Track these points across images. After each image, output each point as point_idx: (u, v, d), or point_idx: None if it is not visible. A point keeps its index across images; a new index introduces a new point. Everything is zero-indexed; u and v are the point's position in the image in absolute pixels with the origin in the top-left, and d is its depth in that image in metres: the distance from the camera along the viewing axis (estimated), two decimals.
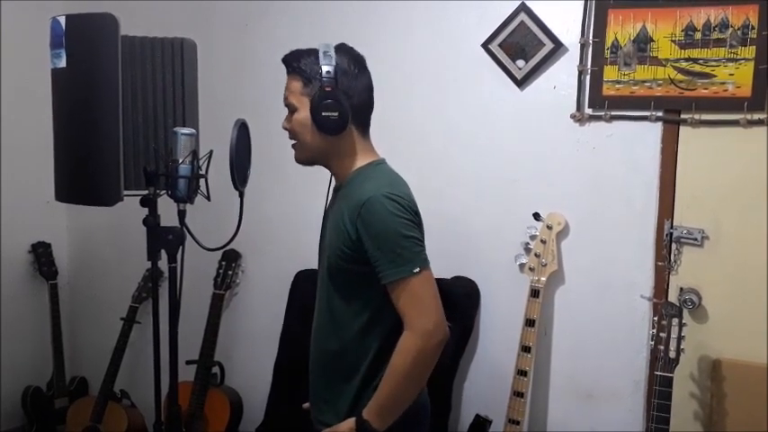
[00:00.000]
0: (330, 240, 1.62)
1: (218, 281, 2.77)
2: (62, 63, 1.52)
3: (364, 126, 1.66)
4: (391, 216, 1.51)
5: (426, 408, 1.74)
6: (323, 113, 1.55)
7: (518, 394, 2.17)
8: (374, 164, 1.65)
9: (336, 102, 1.54)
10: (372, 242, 1.51)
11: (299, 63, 1.61)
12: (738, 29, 1.97)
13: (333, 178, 1.70)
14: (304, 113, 1.59)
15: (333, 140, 1.59)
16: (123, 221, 2.23)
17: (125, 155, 1.54)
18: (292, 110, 1.63)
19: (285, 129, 1.67)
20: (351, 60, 1.61)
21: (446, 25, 2.36)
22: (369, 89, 1.65)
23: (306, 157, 1.66)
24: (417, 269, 1.49)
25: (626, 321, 2.19)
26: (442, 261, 2.36)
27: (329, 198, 1.73)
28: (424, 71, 2.40)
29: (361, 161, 1.64)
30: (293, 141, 1.66)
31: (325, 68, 1.54)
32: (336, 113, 1.55)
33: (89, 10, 1.52)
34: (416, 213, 1.59)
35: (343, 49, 1.61)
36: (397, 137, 1.80)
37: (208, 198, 1.64)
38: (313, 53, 1.59)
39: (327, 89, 1.54)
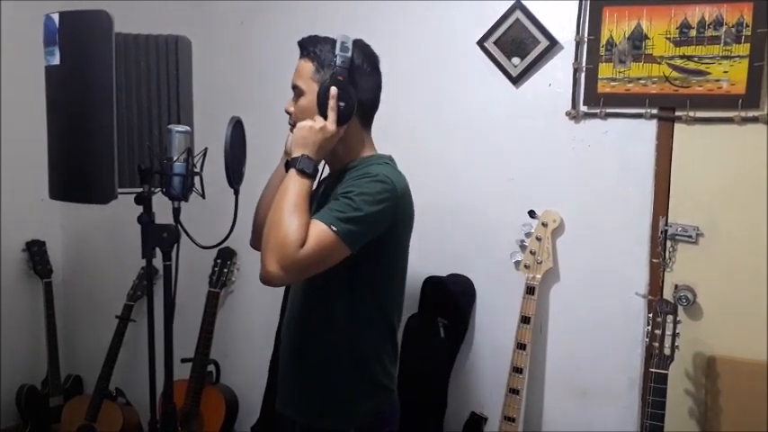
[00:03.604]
0: None
1: (213, 279, 2.77)
2: (56, 60, 1.51)
3: (367, 123, 1.68)
4: (372, 187, 1.52)
5: (396, 409, 1.77)
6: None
7: (513, 391, 2.18)
8: (378, 157, 1.67)
9: (344, 92, 1.55)
10: (342, 187, 1.54)
11: (314, 47, 1.62)
12: (733, 26, 1.97)
13: (325, 167, 1.70)
14: (310, 98, 1.60)
15: None
16: (118, 219, 2.23)
17: (119, 152, 1.54)
18: (299, 94, 1.64)
19: (287, 112, 1.67)
20: (365, 58, 1.63)
21: (442, 23, 2.36)
22: (377, 89, 1.67)
23: None
24: (336, 229, 1.46)
25: (621, 318, 2.19)
26: (438, 258, 2.39)
27: (316, 185, 1.68)
28: (420, 69, 2.40)
29: (359, 153, 1.66)
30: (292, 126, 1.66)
31: (339, 58, 1.55)
32: (343, 104, 1.55)
33: (83, 7, 1.51)
34: (389, 209, 1.54)
35: (359, 45, 1.62)
36: (392, 135, 1.79)
37: (203, 196, 1.64)
38: (330, 41, 1.60)
39: (338, 78, 1.55)
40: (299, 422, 1.72)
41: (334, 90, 1.55)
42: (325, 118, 1.56)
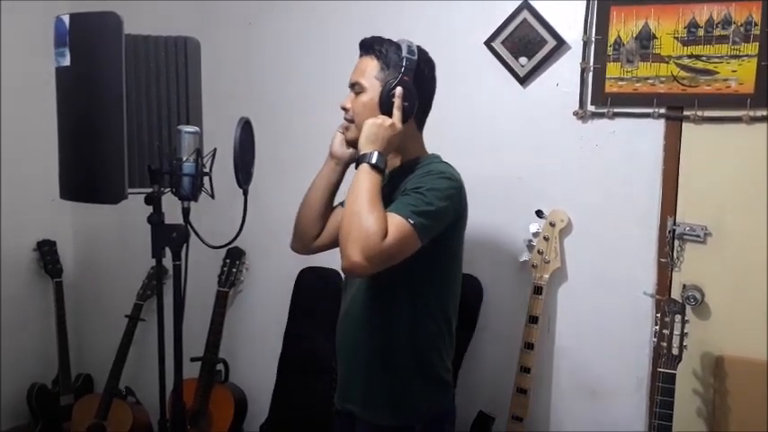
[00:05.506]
0: None
1: (222, 278, 2.78)
2: (66, 62, 1.53)
3: (421, 125, 1.75)
4: (441, 183, 1.59)
5: (452, 413, 1.80)
6: (394, 100, 1.60)
7: (521, 391, 2.18)
8: (436, 156, 1.75)
9: (409, 93, 1.61)
10: (411, 183, 1.58)
11: (381, 47, 1.66)
12: (741, 25, 1.97)
13: None
14: (372, 96, 1.64)
15: None
16: (128, 219, 2.25)
17: (129, 153, 1.55)
18: (359, 91, 1.67)
19: (344, 108, 1.71)
20: (426, 63, 1.69)
21: (449, 23, 2.35)
22: (433, 94, 1.74)
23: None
24: (413, 222, 1.50)
25: (629, 318, 2.19)
26: None
27: None
28: None
29: (414, 152, 1.72)
30: (346, 123, 1.72)
31: (406, 60, 1.60)
32: (407, 103, 1.61)
33: (93, 9, 1.52)
34: (455, 205, 1.63)
35: (421, 51, 1.68)
36: None
37: (212, 196, 1.65)
38: (394, 43, 1.66)
39: (405, 79, 1.60)
40: (364, 419, 1.73)
41: (399, 90, 1.59)
42: (389, 116, 1.60)
